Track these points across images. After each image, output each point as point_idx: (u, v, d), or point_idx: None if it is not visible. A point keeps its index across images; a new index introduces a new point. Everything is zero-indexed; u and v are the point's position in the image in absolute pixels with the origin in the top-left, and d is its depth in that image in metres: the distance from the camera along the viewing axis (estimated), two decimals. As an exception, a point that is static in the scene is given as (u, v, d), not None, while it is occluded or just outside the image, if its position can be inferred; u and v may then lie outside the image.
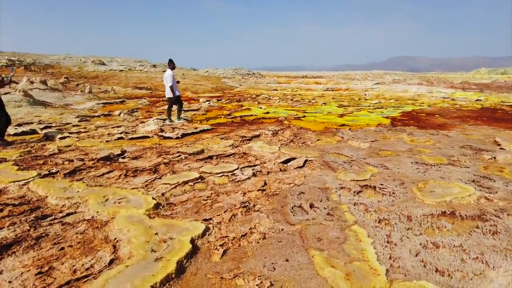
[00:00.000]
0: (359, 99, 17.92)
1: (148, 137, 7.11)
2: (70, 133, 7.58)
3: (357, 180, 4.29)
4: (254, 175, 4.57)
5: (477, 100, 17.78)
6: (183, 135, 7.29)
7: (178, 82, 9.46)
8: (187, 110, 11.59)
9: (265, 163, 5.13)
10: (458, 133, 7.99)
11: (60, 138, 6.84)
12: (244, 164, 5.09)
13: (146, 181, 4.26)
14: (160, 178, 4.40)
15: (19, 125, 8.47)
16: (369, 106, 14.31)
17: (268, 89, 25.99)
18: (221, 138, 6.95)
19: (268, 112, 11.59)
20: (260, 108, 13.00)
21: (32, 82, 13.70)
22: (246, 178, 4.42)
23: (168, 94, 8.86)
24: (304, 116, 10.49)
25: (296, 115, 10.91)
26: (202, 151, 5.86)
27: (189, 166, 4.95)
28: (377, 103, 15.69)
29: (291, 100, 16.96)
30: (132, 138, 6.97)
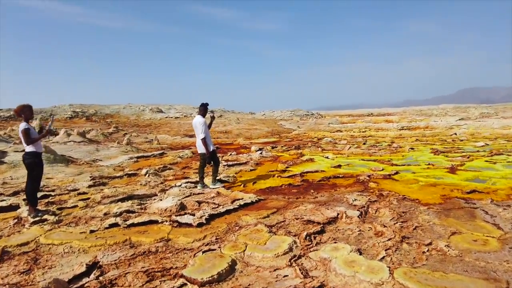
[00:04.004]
0: (453, 140, 13.95)
1: (157, 222, 4.48)
2: (60, 208, 5.31)
3: None
4: None
5: None
6: (211, 217, 4.53)
7: (213, 118, 6.94)
8: (232, 165, 8.99)
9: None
10: None
11: (33, 223, 4.54)
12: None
13: None
14: None
15: (15, 193, 6.50)
16: (478, 151, 10.45)
17: (331, 131, 22.86)
18: (270, 228, 4.03)
19: (339, 165, 8.48)
20: (327, 157, 9.95)
21: (69, 135, 12.41)
22: None
23: (200, 148, 6.29)
24: (397, 173, 7.17)
25: (383, 169, 7.64)
26: (229, 272, 2.99)
27: None
28: (484, 145, 11.69)
29: (364, 144, 13.63)
30: (131, 225, 4.38)
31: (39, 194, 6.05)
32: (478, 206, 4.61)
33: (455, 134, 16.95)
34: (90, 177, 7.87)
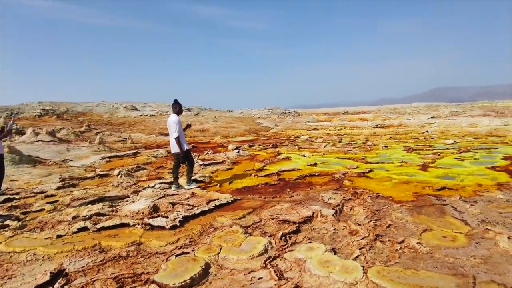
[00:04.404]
0: (425, 138, 14.40)
1: (129, 225, 4.32)
2: (24, 213, 5.04)
3: None
4: None
5: None
6: (185, 219, 4.42)
7: (188, 126, 6.75)
8: (209, 164, 8.87)
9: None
10: None
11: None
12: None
13: None
14: None
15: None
16: (448, 148, 10.82)
17: (308, 129, 23.08)
18: (246, 229, 3.98)
19: (315, 164, 8.54)
20: (303, 156, 10.01)
21: (37, 134, 11.86)
22: None
23: (174, 148, 6.14)
24: (371, 170, 7.30)
25: (357, 167, 7.75)
26: (202, 276, 2.92)
27: None
28: (453, 143, 12.14)
29: (340, 142, 13.83)
30: (102, 229, 4.21)
31: (1, 198, 5.74)
32: (447, 203, 4.74)
33: (427, 132, 17.50)
34: (59, 178, 7.54)
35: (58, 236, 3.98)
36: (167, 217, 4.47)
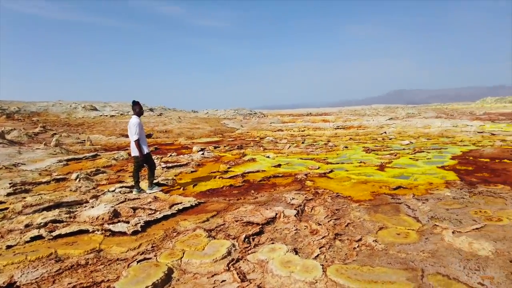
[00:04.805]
0: (383, 139, 15.10)
1: (88, 231, 4.17)
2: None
3: None
4: None
5: (522, 134, 14.92)
6: (147, 224, 4.34)
7: (149, 136, 6.60)
8: (172, 167, 8.72)
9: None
10: None
11: None
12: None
13: None
14: None
15: None
16: (404, 149, 11.43)
17: (273, 130, 23.36)
18: (209, 232, 3.98)
19: (279, 165, 8.69)
20: (268, 157, 10.14)
21: (-16, 136, 11.02)
22: None
23: (134, 151, 6.00)
24: (332, 171, 7.55)
25: (319, 168, 7.99)
26: (165, 281, 2.89)
27: None
28: (409, 143, 12.84)
29: (303, 143, 14.14)
30: (58, 237, 4.03)
31: None
32: (402, 201, 5.03)
33: (385, 133, 18.34)
34: (10, 183, 7.07)
35: (8, 247, 3.75)
36: (128, 222, 4.36)
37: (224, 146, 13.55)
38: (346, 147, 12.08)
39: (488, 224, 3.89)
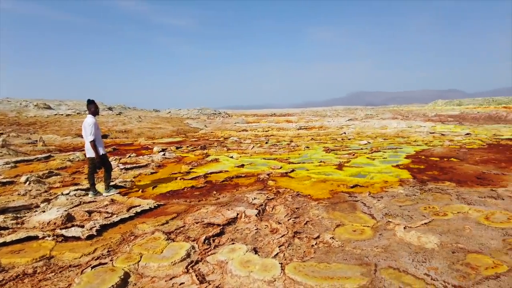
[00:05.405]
0: (342, 139, 15.62)
1: (37, 238, 3.93)
2: None
3: None
4: None
5: (467, 134, 16.12)
6: (103, 228, 4.17)
7: (104, 136, 6.35)
8: (131, 168, 8.44)
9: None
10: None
11: None
12: None
13: None
14: None
15: None
16: (361, 149, 11.91)
17: (237, 130, 23.37)
18: (168, 235, 3.90)
19: (243, 165, 8.71)
20: (231, 157, 10.13)
21: None
22: None
23: (89, 152, 5.74)
24: (293, 170, 7.69)
25: (281, 167, 8.11)
26: (121, 286, 2.80)
27: None
28: (366, 143, 13.40)
29: (266, 143, 14.28)
30: (2, 245, 3.75)
31: None
32: (359, 199, 5.24)
33: (345, 133, 19.00)
34: (-52, 188, 6.49)
35: None
36: (83, 226, 4.17)
37: (187, 147, 13.35)
38: (307, 147, 12.37)
39: (435, 219, 4.16)
